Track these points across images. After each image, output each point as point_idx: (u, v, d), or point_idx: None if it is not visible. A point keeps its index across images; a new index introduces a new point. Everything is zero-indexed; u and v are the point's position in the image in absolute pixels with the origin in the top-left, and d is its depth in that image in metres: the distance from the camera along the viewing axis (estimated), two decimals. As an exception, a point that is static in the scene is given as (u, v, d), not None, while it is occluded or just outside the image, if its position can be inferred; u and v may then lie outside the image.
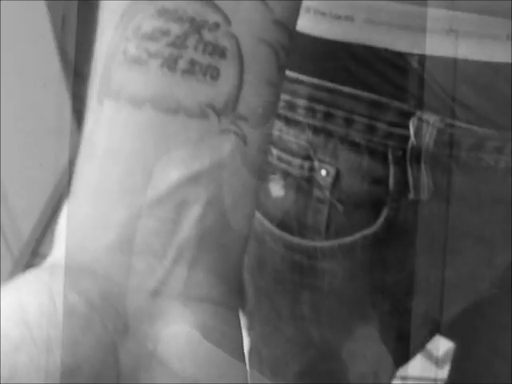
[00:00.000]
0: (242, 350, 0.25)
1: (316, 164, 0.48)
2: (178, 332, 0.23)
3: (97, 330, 0.21)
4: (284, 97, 0.47)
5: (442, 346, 1.32)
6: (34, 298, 0.21)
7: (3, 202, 1.37)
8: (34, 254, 1.55)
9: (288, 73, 0.46)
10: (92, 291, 0.22)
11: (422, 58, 0.43)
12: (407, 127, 0.45)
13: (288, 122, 0.48)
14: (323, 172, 0.47)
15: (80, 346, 0.21)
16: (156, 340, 0.23)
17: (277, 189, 0.50)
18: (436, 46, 0.42)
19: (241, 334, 0.25)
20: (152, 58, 0.25)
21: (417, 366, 0.70)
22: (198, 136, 0.25)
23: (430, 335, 0.65)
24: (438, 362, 1.34)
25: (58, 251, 0.25)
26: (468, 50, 0.42)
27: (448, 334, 0.73)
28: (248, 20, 0.26)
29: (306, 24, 0.44)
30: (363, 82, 0.45)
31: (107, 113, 0.25)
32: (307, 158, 0.48)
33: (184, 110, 0.25)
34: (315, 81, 0.45)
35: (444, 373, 1.30)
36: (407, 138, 0.45)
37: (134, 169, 0.24)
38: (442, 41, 0.42)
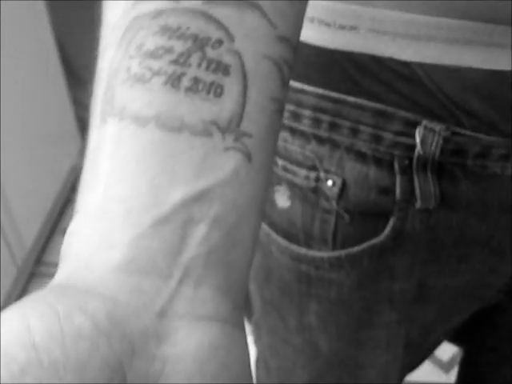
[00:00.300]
0: (249, 367, 0.25)
1: (322, 174, 0.47)
2: (185, 352, 0.23)
3: (104, 351, 0.21)
4: (289, 107, 0.46)
5: (448, 350, 1.32)
6: (40, 320, 0.21)
7: (6, 210, 1.37)
8: (37, 262, 1.55)
9: (292, 83, 0.46)
10: (98, 313, 0.22)
11: (427, 67, 0.42)
12: (413, 136, 0.45)
13: (293, 132, 0.47)
14: (329, 182, 0.47)
15: (87, 368, 0.21)
16: (163, 360, 0.22)
17: (282, 200, 0.50)
18: (441, 54, 0.42)
19: (247, 351, 0.25)
20: (155, 75, 0.25)
21: (423, 370, 0.70)
22: (203, 154, 0.25)
23: (438, 342, 0.65)
24: (444, 367, 1.34)
25: (64, 271, 0.24)
26: (473, 59, 0.42)
27: (455, 340, 0.73)
28: (251, 36, 0.26)
29: (310, 34, 0.44)
30: (368, 92, 0.44)
31: (111, 131, 0.25)
32: (313, 168, 0.48)
33: (188, 128, 0.25)
34: (320, 91, 0.45)
35: (451, 378, 1.30)
36: (413, 147, 0.45)
37: (139, 188, 0.24)
38: (447, 49, 0.42)
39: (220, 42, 0.25)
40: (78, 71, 1.70)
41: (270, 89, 0.27)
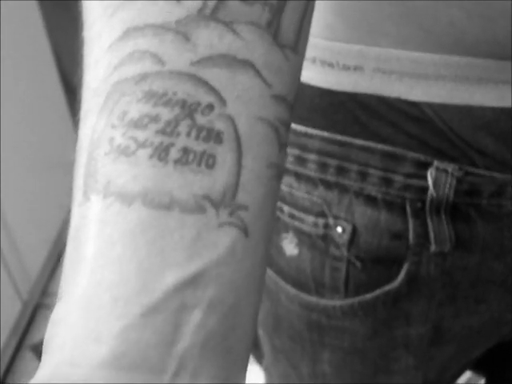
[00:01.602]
0: None
1: (331, 221, 0.45)
2: None
3: None
4: (293, 151, 0.45)
5: (463, 376, 1.29)
6: None
7: (10, 241, 1.35)
8: (43, 293, 1.53)
9: (296, 126, 0.44)
10: None
11: (437, 107, 0.41)
12: (425, 178, 0.43)
13: (299, 177, 0.45)
14: (339, 229, 0.45)
15: None
16: None
17: (290, 247, 0.48)
18: (450, 93, 0.40)
19: None
20: (140, 147, 0.23)
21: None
22: (195, 233, 0.23)
23: (456, 376, 0.63)
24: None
25: (47, 367, 0.22)
26: (483, 97, 0.40)
27: (475, 370, 0.72)
28: (244, 98, 0.24)
29: (312, 75, 0.42)
30: (376, 134, 0.42)
31: (95, 210, 0.23)
32: (321, 214, 0.45)
33: (178, 205, 0.23)
34: (325, 134, 0.43)
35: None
36: (425, 189, 0.43)
37: (126, 274, 0.22)
38: (457, 88, 0.40)
39: (210, 107, 0.23)
40: (78, 93, 1.68)
41: (266, 154, 0.24)
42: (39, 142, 1.49)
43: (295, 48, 0.26)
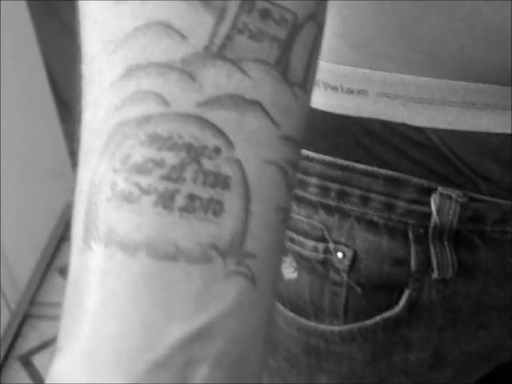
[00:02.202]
0: None
1: (331, 246, 0.44)
2: None
3: None
4: None
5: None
6: None
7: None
8: (31, 303, 1.52)
9: (298, 150, 0.43)
10: None
11: (442, 133, 0.40)
12: (428, 204, 0.42)
13: (299, 201, 0.44)
14: (339, 254, 0.44)
15: None
16: None
17: (289, 271, 0.47)
18: (456, 119, 0.39)
19: None
20: (144, 194, 0.22)
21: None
22: (201, 284, 0.22)
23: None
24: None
25: None
26: (490, 123, 0.39)
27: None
28: (252, 140, 0.23)
29: (315, 99, 0.41)
30: (379, 159, 0.42)
31: (96, 259, 0.22)
32: (321, 239, 0.45)
33: (184, 256, 0.22)
34: (327, 158, 0.42)
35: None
36: (428, 215, 0.42)
37: (130, 328, 0.21)
38: (463, 114, 0.39)
39: (217, 151, 0.22)
40: (68, 102, 1.67)
41: (274, 198, 0.24)
42: (28, 151, 1.47)
43: (304, 85, 0.25)
